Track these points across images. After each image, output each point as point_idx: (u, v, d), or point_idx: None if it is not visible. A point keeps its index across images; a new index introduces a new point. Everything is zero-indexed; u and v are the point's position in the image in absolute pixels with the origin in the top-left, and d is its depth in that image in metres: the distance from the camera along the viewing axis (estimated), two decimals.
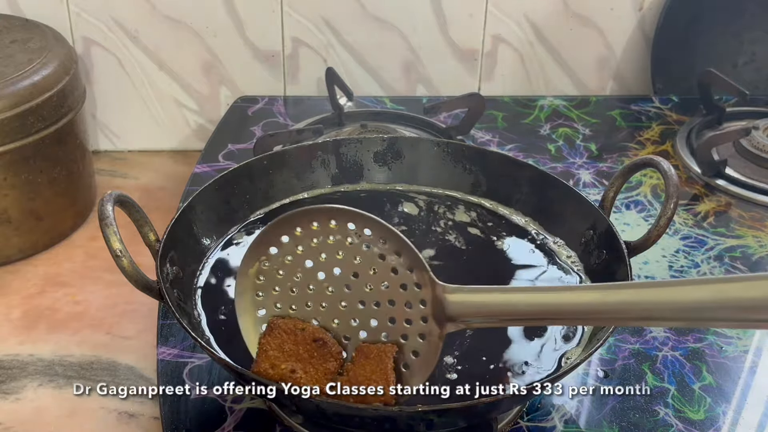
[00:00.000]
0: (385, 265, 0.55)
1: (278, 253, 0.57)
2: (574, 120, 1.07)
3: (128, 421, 0.72)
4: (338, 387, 0.56)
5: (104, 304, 0.85)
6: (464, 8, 1.08)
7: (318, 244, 0.56)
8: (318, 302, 0.57)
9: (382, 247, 0.55)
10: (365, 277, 0.56)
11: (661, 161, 0.67)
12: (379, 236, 0.55)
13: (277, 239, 0.57)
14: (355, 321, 0.57)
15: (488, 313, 0.54)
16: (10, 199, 0.87)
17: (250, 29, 1.06)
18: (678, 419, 0.66)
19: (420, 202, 0.79)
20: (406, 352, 0.56)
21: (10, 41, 0.92)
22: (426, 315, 0.55)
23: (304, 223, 0.56)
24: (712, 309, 0.47)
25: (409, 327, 0.56)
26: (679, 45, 1.11)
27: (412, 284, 0.55)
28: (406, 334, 0.56)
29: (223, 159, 0.96)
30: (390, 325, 0.56)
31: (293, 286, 0.58)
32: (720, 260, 0.83)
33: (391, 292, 0.56)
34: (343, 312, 0.57)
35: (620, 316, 0.51)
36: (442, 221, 0.77)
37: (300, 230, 0.56)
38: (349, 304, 0.57)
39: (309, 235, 0.56)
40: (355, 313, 0.57)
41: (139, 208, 0.64)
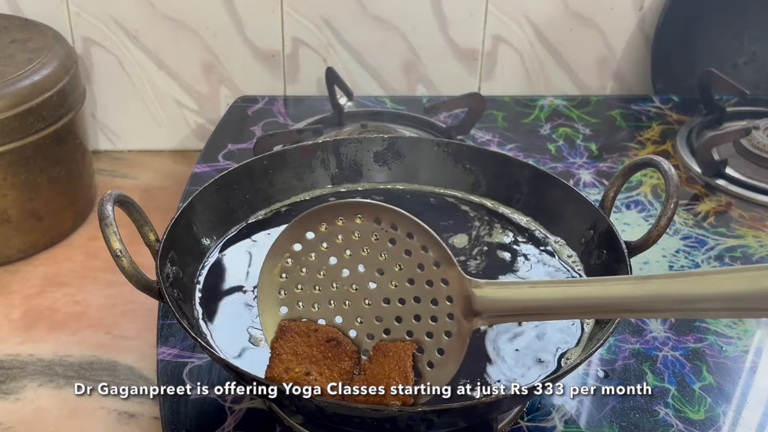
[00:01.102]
0: (411, 261, 0.54)
1: (302, 250, 0.56)
2: (574, 120, 1.07)
3: (128, 421, 0.72)
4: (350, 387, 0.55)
5: (104, 304, 0.85)
6: (464, 8, 1.08)
7: (343, 240, 0.55)
8: (341, 300, 0.57)
9: (409, 243, 0.54)
10: (390, 273, 0.55)
11: (662, 161, 0.67)
12: (406, 231, 0.54)
13: (302, 236, 0.56)
14: (379, 319, 0.56)
15: (517, 309, 0.53)
16: (10, 199, 0.87)
17: (250, 29, 1.06)
18: (678, 419, 0.66)
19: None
20: (431, 350, 0.55)
21: (10, 41, 0.92)
22: (452, 312, 0.54)
23: (330, 219, 0.55)
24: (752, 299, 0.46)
25: (434, 324, 0.55)
26: (679, 45, 1.10)
27: (439, 280, 0.54)
28: (432, 332, 0.55)
29: (223, 159, 0.96)
30: (415, 323, 0.55)
31: (316, 284, 0.57)
32: (720, 260, 0.83)
33: (417, 289, 0.55)
34: (367, 310, 0.56)
35: (651, 308, 0.50)
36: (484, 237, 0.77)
37: (325, 226, 0.55)
38: (374, 302, 0.56)
39: (334, 232, 0.55)
40: (379, 311, 0.56)
41: (139, 208, 0.64)
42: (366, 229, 0.55)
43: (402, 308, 0.55)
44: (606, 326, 0.62)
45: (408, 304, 0.55)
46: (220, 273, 0.70)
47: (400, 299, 0.55)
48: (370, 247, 0.55)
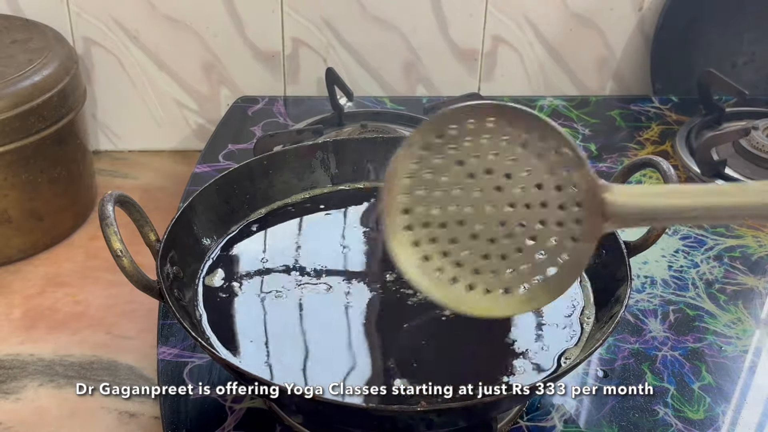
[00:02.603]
0: (541, 165, 0.53)
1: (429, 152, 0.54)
2: (574, 120, 1.07)
3: (128, 421, 0.72)
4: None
5: (104, 304, 0.85)
6: (464, 8, 1.08)
7: (471, 142, 0.53)
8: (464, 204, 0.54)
9: (541, 146, 0.53)
10: (518, 178, 0.53)
11: (661, 161, 0.67)
12: (538, 134, 0.52)
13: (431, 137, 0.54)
14: (503, 224, 0.54)
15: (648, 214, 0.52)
16: (11, 199, 0.87)
17: (250, 29, 1.06)
18: (677, 419, 0.66)
19: None
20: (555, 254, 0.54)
21: (11, 41, 0.92)
22: (581, 217, 0.53)
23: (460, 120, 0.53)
24: None
25: (560, 229, 0.53)
26: (679, 45, 1.11)
27: (569, 185, 0.53)
28: (557, 237, 0.54)
29: (223, 159, 0.96)
30: (540, 227, 0.54)
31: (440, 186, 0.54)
32: (719, 260, 0.83)
33: (545, 193, 0.53)
34: (491, 213, 0.54)
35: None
36: None
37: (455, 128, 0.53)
38: (498, 206, 0.54)
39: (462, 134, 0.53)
40: (503, 216, 0.54)
41: (140, 208, 0.64)
42: (497, 132, 0.53)
43: (527, 212, 0.54)
44: (605, 326, 0.62)
45: (534, 209, 0.54)
46: (220, 272, 0.71)
47: (525, 204, 0.54)
48: (500, 151, 0.53)
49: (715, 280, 0.81)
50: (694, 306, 0.77)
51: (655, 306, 0.77)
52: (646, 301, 0.78)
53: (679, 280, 0.80)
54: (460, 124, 0.53)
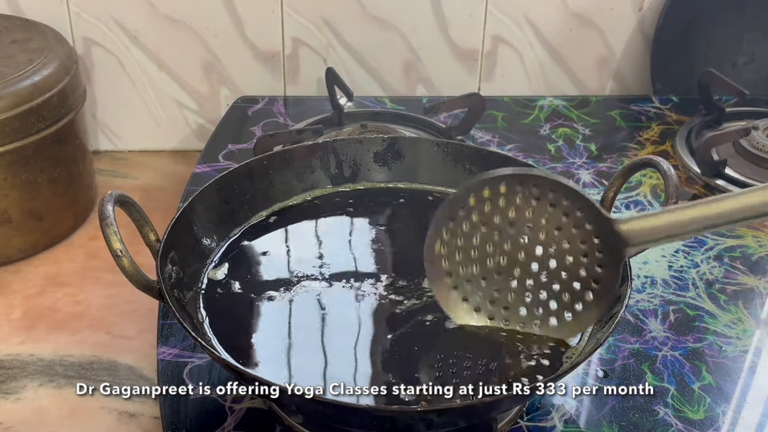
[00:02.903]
0: (556, 211, 0.61)
1: (455, 223, 0.62)
2: (574, 120, 1.07)
3: (128, 421, 0.72)
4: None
5: (104, 304, 0.85)
6: (464, 8, 1.08)
7: (490, 208, 0.62)
8: (498, 257, 0.63)
9: (552, 197, 0.61)
10: (538, 226, 0.62)
11: (661, 161, 0.67)
12: (548, 187, 0.60)
13: (455, 212, 0.62)
14: (537, 265, 0.63)
15: (662, 234, 0.59)
16: (11, 199, 0.87)
17: (250, 29, 1.06)
18: (678, 419, 0.66)
19: None
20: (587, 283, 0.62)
21: (11, 41, 0.92)
22: (601, 247, 0.61)
23: (477, 191, 0.61)
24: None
25: (586, 260, 0.62)
26: (679, 45, 1.11)
27: (585, 223, 0.61)
28: (585, 268, 0.62)
29: (223, 159, 0.96)
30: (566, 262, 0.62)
31: (473, 248, 0.63)
32: (720, 260, 0.83)
33: (565, 234, 0.61)
34: (522, 261, 0.63)
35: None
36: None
37: (473, 197, 0.61)
38: (527, 253, 0.62)
39: (482, 201, 0.62)
40: (534, 258, 0.63)
41: (140, 208, 0.64)
42: (511, 193, 0.61)
43: (554, 252, 0.62)
44: (606, 326, 0.62)
45: (560, 249, 0.62)
46: (220, 272, 0.71)
47: (551, 244, 0.62)
48: (517, 208, 0.62)
49: (715, 280, 0.81)
50: (694, 306, 0.77)
51: (656, 306, 0.77)
52: (646, 301, 0.78)
53: (680, 280, 0.80)
54: (476, 194, 0.62)
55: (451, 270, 0.63)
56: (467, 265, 0.63)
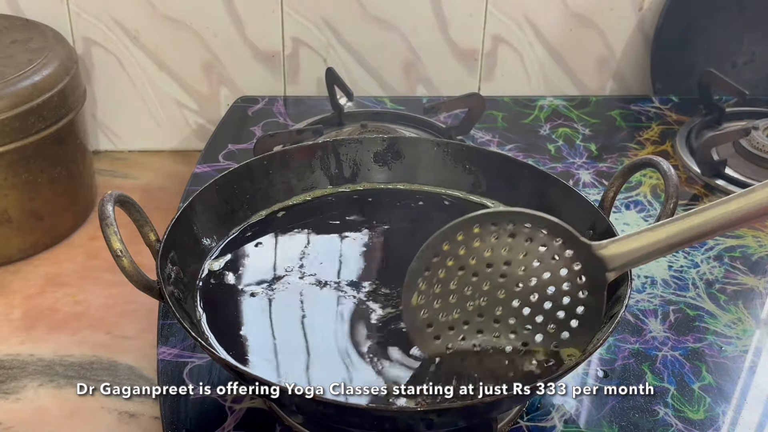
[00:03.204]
0: (534, 245, 0.60)
1: (431, 272, 0.60)
2: (574, 120, 1.07)
3: (128, 421, 0.72)
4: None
5: (104, 304, 0.85)
6: (464, 8, 1.08)
7: (466, 250, 0.60)
8: (478, 300, 0.61)
9: (528, 231, 0.59)
10: (517, 261, 0.60)
11: (661, 161, 0.67)
12: (523, 223, 0.59)
13: (429, 261, 0.60)
14: (518, 301, 0.61)
15: (642, 255, 0.59)
16: (11, 199, 0.87)
17: (250, 29, 1.06)
18: (678, 419, 0.66)
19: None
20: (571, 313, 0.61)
21: (11, 41, 0.92)
22: (582, 273, 0.60)
23: (451, 237, 0.59)
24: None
25: (568, 289, 0.60)
26: (679, 45, 1.11)
27: (564, 252, 0.60)
28: (569, 294, 0.61)
29: (223, 159, 0.96)
30: (550, 292, 0.61)
31: (451, 294, 0.61)
32: (720, 260, 0.83)
33: (546, 265, 0.60)
34: (504, 299, 0.61)
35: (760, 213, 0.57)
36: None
37: (447, 244, 0.59)
38: (508, 291, 0.61)
39: (456, 246, 0.59)
40: (515, 295, 0.61)
41: (140, 208, 0.64)
42: (485, 233, 0.59)
43: (535, 285, 0.61)
44: (605, 326, 0.62)
45: (540, 281, 0.61)
46: (220, 273, 0.71)
47: (531, 279, 0.61)
48: (493, 247, 0.60)
49: (715, 280, 0.81)
50: (694, 306, 0.77)
51: (656, 306, 0.77)
52: (646, 301, 0.78)
53: (680, 280, 0.80)
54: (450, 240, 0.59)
55: (431, 320, 0.61)
56: (447, 312, 0.61)
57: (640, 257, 0.59)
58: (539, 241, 0.60)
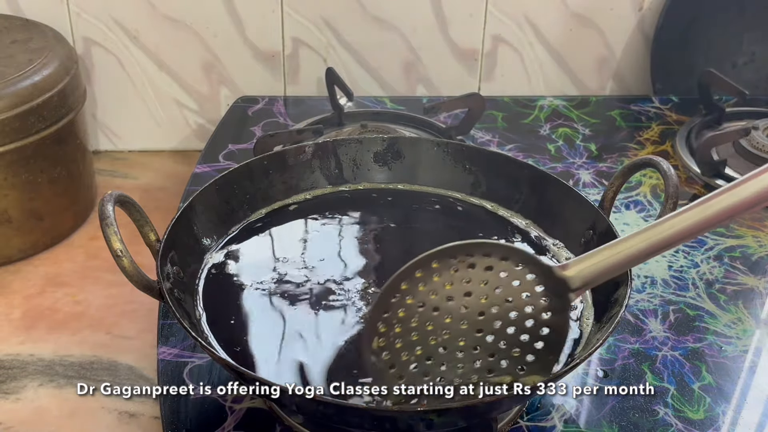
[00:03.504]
0: (494, 273, 0.58)
1: (390, 314, 0.58)
2: (574, 120, 1.07)
3: (128, 421, 0.72)
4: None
5: (104, 304, 0.85)
6: (464, 8, 1.08)
7: (425, 286, 0.58)
8: (440, 334, 0.59)
9: (487, 260, 0.58)
10: (478, 291, 0.58)
11: (661, 161, 0.67)
12: (481, 253, 0.58)
13: (387, 303, 0.58)
14: (480, 330, 0.59)
15: (605, 273, 0.58)
16: (11, 199, 0.87)
17: (250, 29, 1.06)
18: (677, 419, 0.66)
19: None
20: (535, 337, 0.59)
21: (11, 41, 0.92)
22: (544, 295, 0.59)
23: (409, 277, 0.57)
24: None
25: (532, 311, 0.59)
26: (679, 45, 1.11)
27: (524, 276, 0.58)
28: (532, 317, 0.59)
29: (223, 159, 0.96)
30: (513, 317, 0.59)
31: (412, 332, 0.58)
32: (720, 260, 0.83)
33: (506, 291, 0.58)
34: (467, 330, 0.59)
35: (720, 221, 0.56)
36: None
37: (405, 284, 0.57)
38: (470, 321, 0.59)
39: (415, 284, 0.58)
40: (478, 324, 0.59)
41: (140, 208, 0.64)
42: (443, 268, 0.58)
43: (498, 312, 0.59)
44: (605, 326, 0.62)
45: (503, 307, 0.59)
46: (220, 273, 0.71)
47: (493, 306, 0.59)
48: (453, 280, 0.58)
49: (715, 280, 0.81)
50: (694, 306, 0.77)
51: (656, 306, 0.77)
52: (646, 301, 0.78)
53: (680, 280, 0.80)
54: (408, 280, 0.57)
55: (393, 361, 0.58)
56: (409, 351, 0.58)
57: (601, 274, 0.58)
58: (500, 267, 0.58)
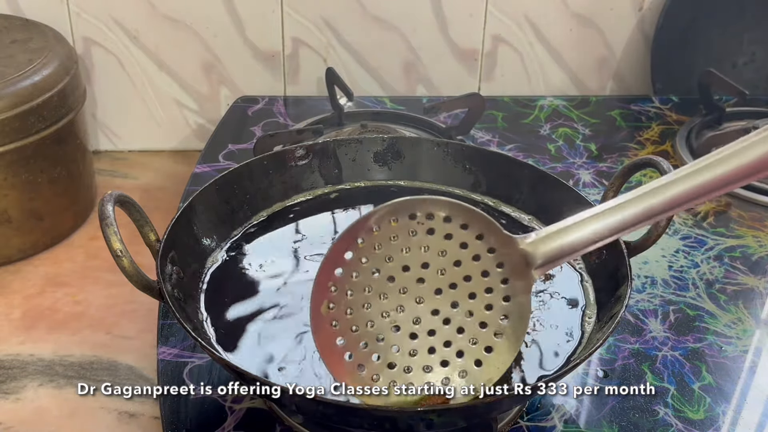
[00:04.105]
0: (453, 242, 0.54)
1: (343, 273, 0.54)
2: (574, 120, 1.07)
3: (128, 421, 0.72)
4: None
5: (104, 304, 0.85)
6: (464, 8, 1.08)
7: (381, 248, 0.53)
8: (394, 308, 0.55)
9: (446, 226, 0.54)
10: (435, 263, 0.54)
11: (661, 161, 0.67)
12: (441, 216, 0.54)
13: (340, 258, 0.54)
14: (436, 312, 0.55)
15: (572, 248, 0.54)
16: (10, 199, 0.87)
17: (250, 29, 1.06)
18: (678, 419, 0.66)
19: None
20: (494, 320, 0.55)
21: (10, 41, 0.92)
22: (506, 276, 0.54)
23: (365, 232, 0.53)
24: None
25: (491, 296, 0.55)
26: (679, 45, 1.11)
27: (485, 252, 0.54)
28: (491, 304, 0.55)
29: (223, 159, 0.96)
30: (471, 302, 0.55)
31: (365, 302, 0.55)
32: (720, 260, 0.83)
33: (465, 268, 0.54)
34: (422, 307, 0.55)
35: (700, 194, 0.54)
36: None
37: (361, 240, 0.53)
38: (426, 297, 0.55)
39: (371, 242, 0.53)
40: (434, 304, 0.55)
41: (140, 208, 0.64)
42: (401, 227, 0.53)
43: (455, 292, 0.55)
44: (606, 326, 0.62)
45: (460, 287, 0.55)
46: (220, 273, 0.71)
47: (450, 284, 0.55)
48: (411, 246, 0.54)
49: (715, 280, 0.81)
50: (694, 306, 0.77)
51: (656, 306, 0.77)
52: (646, 301, 0.78)
53: (680, 280, 0.80)
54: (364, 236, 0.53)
55: (342, 334, 0.54)
56: (360, 325, 0.54)
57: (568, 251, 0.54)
58: (459, 237, 0.54)
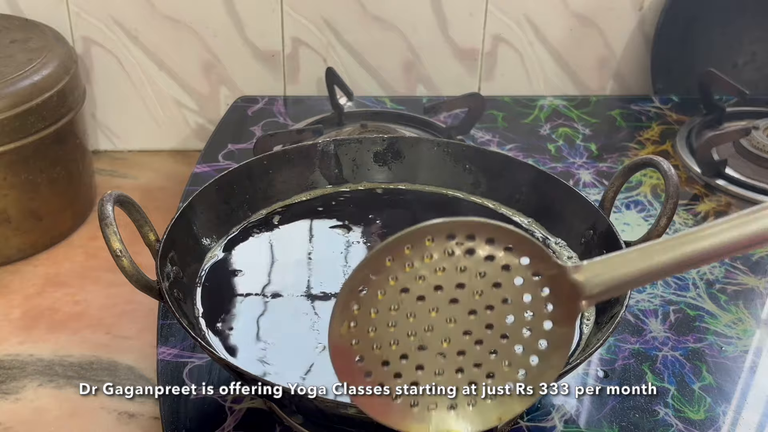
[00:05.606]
0: (494, 264, 0.50)
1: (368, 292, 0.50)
2: (574, 120, 1.07)
3: (128, 421, 0.72)
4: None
5: (104, 304, 0.85)
6: (464, 8, 1.08)
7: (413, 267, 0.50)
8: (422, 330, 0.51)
9: (490, 248, 0.50)
10: (472, 284, 0.50)
11: (661, 161, 0.67)
12: (485, 237, 0.49)
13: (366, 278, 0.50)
14: (468, 332, 0.51)
15: (625, 282, 0.50)
16: (10, 199, 0.87)
17: (250, 29, 1.06)
18: (678, 419, 0.66)
19: None
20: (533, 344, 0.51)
21: (10, 41, 0.92)
22: (551, 302, 0.50)
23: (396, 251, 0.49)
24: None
25: (532, 319, 0.51)
26: (679, 45, 1.11)
27: (530, 275, 0.50)
28: (532, 325, 0.51)
29: (223, 159, 0.96)
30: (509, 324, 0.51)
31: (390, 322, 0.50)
32: (720, 260, 0.83)
33: (506, 290, 0.50)
34: (453, 327, 0.50)
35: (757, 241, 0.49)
36: None
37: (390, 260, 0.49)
38: (459, 318, 0.50)
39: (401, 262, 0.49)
40: (467, 325, 0.50)
41: (139, 208, 0.64)
42: (437, 248, 0.49)
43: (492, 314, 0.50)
44: (606, 326, 0.62)
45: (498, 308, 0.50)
46: (220, 273, 0.71)
47: (487, 306, 0.50)
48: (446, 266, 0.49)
49: (715, 280, 0.81)
50: (694, 306, 0.77)
51: (656, 306, 0.77)
52: (646, 301, 0.78)
53: (680, 280, 0.80)
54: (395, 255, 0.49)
55: (363, 352, 0.50)
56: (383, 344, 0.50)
57: (624, 284, 0.50)
58: (501, 260, 0.49)
